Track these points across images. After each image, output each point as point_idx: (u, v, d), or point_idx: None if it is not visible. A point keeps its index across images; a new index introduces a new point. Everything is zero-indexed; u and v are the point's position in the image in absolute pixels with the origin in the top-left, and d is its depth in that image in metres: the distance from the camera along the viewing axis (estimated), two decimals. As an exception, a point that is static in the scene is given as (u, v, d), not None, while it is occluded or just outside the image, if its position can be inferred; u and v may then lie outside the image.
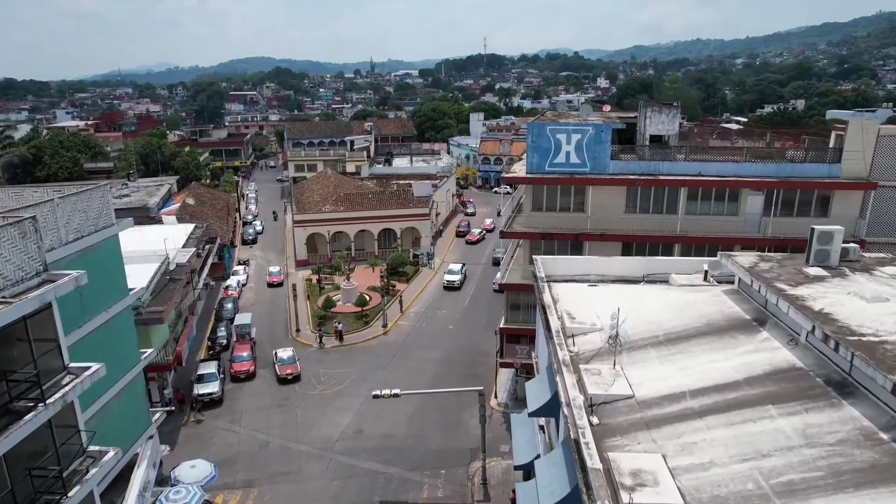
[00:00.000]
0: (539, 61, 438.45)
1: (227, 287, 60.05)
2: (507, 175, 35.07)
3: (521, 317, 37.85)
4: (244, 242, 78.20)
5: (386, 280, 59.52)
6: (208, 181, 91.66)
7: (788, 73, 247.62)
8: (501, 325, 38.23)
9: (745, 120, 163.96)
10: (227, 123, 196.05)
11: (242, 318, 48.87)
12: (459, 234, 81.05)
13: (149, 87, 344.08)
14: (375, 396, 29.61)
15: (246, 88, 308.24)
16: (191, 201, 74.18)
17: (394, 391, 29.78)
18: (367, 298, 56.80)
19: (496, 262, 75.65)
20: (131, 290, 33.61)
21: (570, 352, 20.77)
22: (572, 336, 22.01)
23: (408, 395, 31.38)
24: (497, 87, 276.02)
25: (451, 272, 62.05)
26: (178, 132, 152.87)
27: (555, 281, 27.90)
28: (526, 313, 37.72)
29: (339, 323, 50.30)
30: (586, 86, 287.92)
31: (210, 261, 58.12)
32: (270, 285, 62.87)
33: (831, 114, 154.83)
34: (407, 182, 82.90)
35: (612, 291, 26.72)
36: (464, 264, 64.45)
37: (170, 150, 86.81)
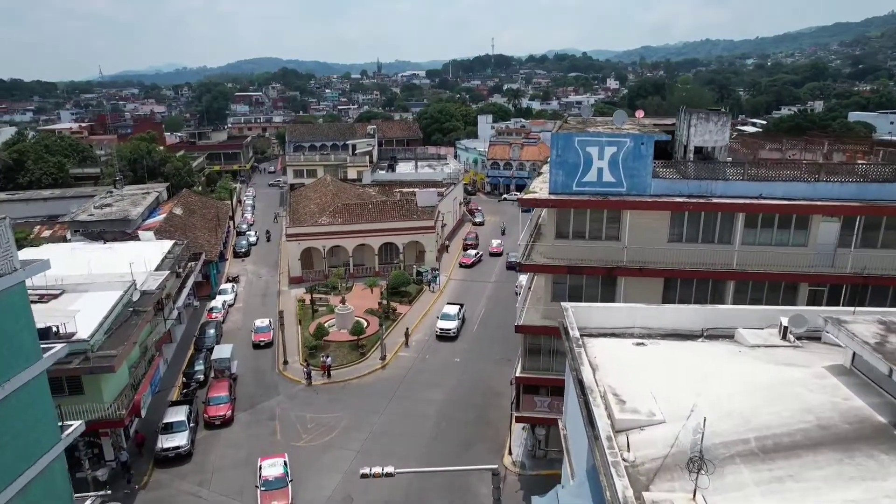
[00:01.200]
0: (547, 62, 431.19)
1: (211, 309, 53.93)
2: (526, 196, 28.72)
3: (541, 363, 31.52)
4: (236, 255, 72.10)
5: (385, 302, 53.28)
6: (201, 188, 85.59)
7: (803, 74, 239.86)
8: (517, 374, 31.87)
9: (763, 122, 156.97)
10: (229, 125, 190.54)
11: (221, 351, 42.65)
12: (467, 248, 74.53)
13: (154, 88, 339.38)
14: (364, 476, 23.31)
15: (251, 89, 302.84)
16: (178, 211, 68.20)
17: (386, 469, 23.44)
18: (365, 324, 50.55)
19: (511, 267, 68.56)
20: (68, 338, 27.64)
21: (625, 460, 14.51)
22: (625, 434, 15.71)
23: (404, 473, 25.11)
24: (505, 87, 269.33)
25: (445, 317, 50.13)
26: (178, 134, 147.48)
27: (589, 335, 21.72)
28: (548, 359, 31.39)
29: (328, 357, 44.04)
30: (596, 87, 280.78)
31: (192, 281, 52.05)
32: (256, 346, 48.44)
33: (854, 116, 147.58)
34: (411, 190, 76.72)
35: (666, 353, 20.58)
36: (461, 306, 52.29)
37: (160, 154, 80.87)
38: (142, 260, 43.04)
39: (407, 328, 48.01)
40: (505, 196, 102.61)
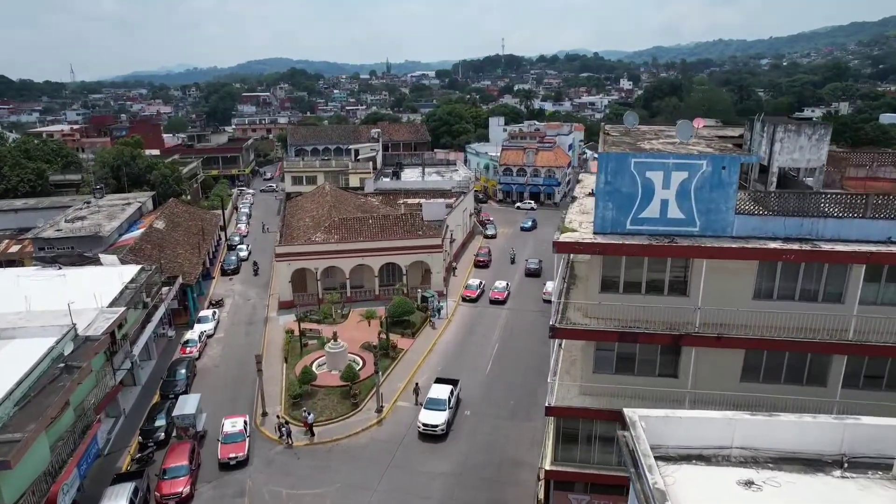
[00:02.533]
0: (558, 62, 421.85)
1: (185, 343, 46.48)
2: (563, 239, 20.93)
3: (578, 453, 23.75)
4: (224, 273, 64.72)
5: (385, 336, 45.66)
6: (192, 196, 78.35)
7: (823, 74, 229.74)
8: (546, 467, 24.09)
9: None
10: (233, 126, 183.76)
11: (185, 405, 35.07)
12: (479, 265, 66.81)
13: (162, 89, 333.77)
14: None
15: (259, 89, 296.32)
16: (160, 225, 60.97)
17: None
18: (359, 365, 43.05)
19: (529, 274, 63.26)
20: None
21: None
22: None
23: None
24: (516, 88, 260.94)
25: (432, 404, 36.37)
26: (181, 135, 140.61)
27: (667, 458, 14.16)
28: (587, 448, 23.63)
29: (309, 413, 36.39)
30: (609, 87, 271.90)
31: (162, 311, 44.73)
32: (224, 465, 33.05)
33: (887, 118, 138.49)
34: (416, 202, 69.10)
35: (790, 498, 13.04)
36: (454, 385, 38.78)
37: (145, 161, 73.67)
38: (95, 292, 35.80)
39: (417, 384, 39.84)
40: (519, 204, 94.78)
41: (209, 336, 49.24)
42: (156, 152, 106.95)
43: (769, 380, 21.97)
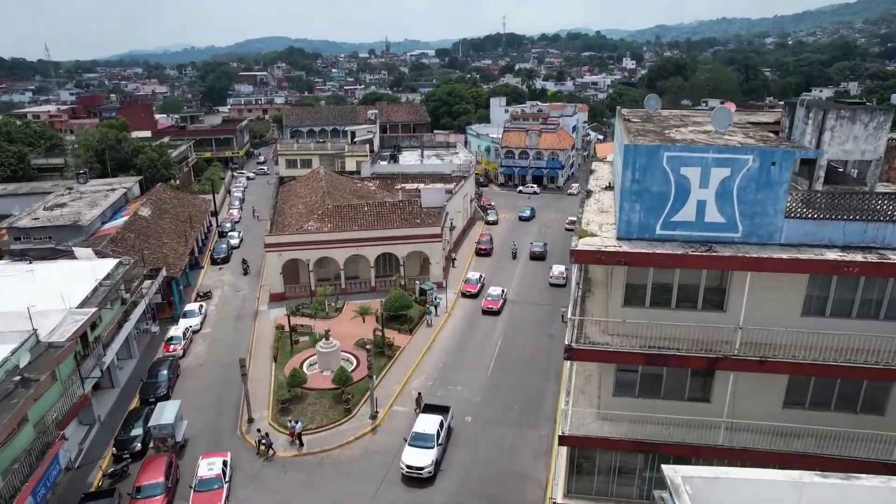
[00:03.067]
0: (560, 41, 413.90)
1: (168, 340, 43.56)
2: (583, 247, 17.74)
3: (594, 485, 20.88)
4: (214, 262, 61.63)
5: (381, 333, 42.74)
6: (181, 181, 74.89)
7: (831, 53, 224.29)
8: (560, 500, 21.18)
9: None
10: (229, 106, 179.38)
11: (163, 414, 32.16)
12: (480, 253, 63.73)
13: (158, 68, 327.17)
14: None
15: (257, 69, 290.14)
16: (145, 212, 57.73)
17: None
18: (352, 364, 40.29)
19: (535, 257, 61.49)
20: None
21: None
22: None
23: None
24: (517, 67, 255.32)
25: (417, 440, 30.86)
26: (176, 116, 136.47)
27: None
28: (605, 479, 20.76)
29: (297, 422, 33.54)
30: (611, 66, 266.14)
31: (143, 307, 41.75)
32: None
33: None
34: (414, 187, 65.77)
35: None
36: (444, 417, 33.03)
37: (131, 144, 70.06)
38: (64, 291, 32.72)
39: (419, 393, 36.58)
40: (521, 188, 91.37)
41: (195, 332, 46.31)
42: (147, 134, 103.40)
43: (817, 406, 19.05)
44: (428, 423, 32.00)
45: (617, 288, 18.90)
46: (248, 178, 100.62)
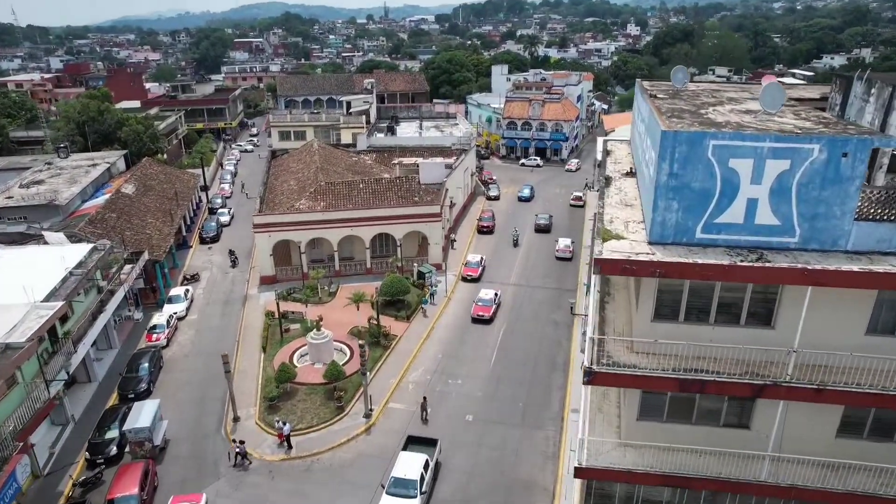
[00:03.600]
0: (562, 6, 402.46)
1: (151, 329, 40.81)
2: (609, 255, 14.71)
3: (613, 519, 18.32)
4: (203, 241, 58.59)
5: (376, 322, 40.02)
6: (165, 155, 71.25)
7: (843, 19, 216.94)
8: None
9: (809, 73, 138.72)
10: (223, 74, 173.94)
11: (140, 415, 29.51)
12: (482, 231, 60.76)
13: (151, 34, 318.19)
14: None
15: (252, 35, 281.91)
16: (129, 189, 54.46)
17: None
18: (346, 356, 37.77)
19: (540, 230, 59.59)
20: None
21: None
22: None
23: None
24: (519, 34, 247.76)
25: (398, 486, 26.31)
26: (169, 84, 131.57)
27: None
28: (625, 513, 18.18)
29: (285, 422, 31.01)
30: (615, 32, 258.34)
31: (121, 294, 38.90)
32: None
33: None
34: (412, 161, 62.35)
35: None
36: (430, 455, 28.31)
37: (115, 115, 66.25)
38: (28, 282, 29.85)
39: (424, 398, 32.90)
40: (524, 161, 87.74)
41: (180, 319, 43.59)
42: (136, 104, 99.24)
43: (877, 436, 16.33)
44: (410, 466, 26.89)
45: (646, 299, 15.95)
46: (245, 151, 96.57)
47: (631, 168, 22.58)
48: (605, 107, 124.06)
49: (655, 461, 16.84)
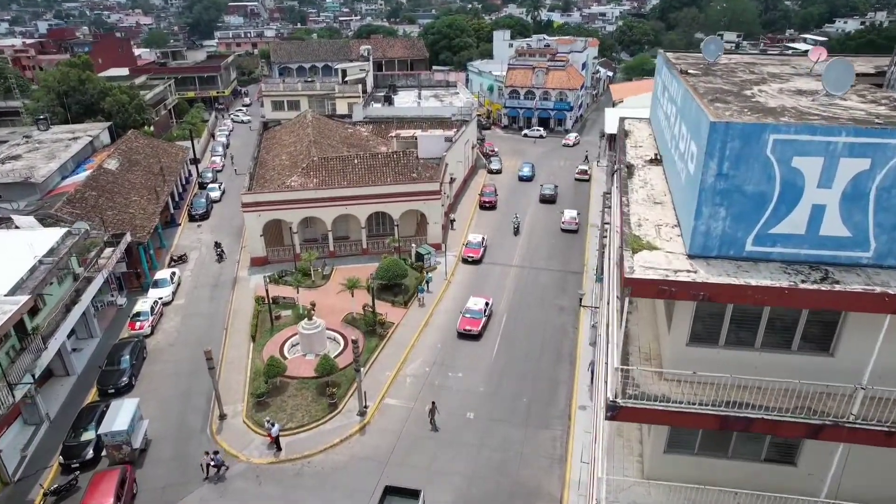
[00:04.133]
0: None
1: (135, 316, 38.43)
2: (640, 273, 12.19)
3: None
4: (192, 218, 55.83)
5: (371, 309, 37.65)
6: (152, 127, 67.90)
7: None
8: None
9: (822, 39, 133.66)
10: (216, 40, 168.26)
11: (117, 417, 27.20)
12: (484, 207, 58.13)
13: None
14: None
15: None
16: (112, 165, 51.48)
17: None
18: (339, 346, 35.56)
19: (545, 200, 58.39)
20: None
21: None
22: None
23: None
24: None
25: None
26: (162, 50, 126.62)
27: None
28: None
29: (273, 423, 28.85)
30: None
31: (99, 281, 36.39)
32: None
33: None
34: (411, 134, 59.15)
35: None
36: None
37: (98, 84, 62.65)
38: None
39: (433, 403, 29.77)
40: (526, 132, 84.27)
41: (166, 304, 41.23)
42: (124, 72, 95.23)
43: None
44: None
45: (681, 319, 13.42)
46: (240, 122, 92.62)
47: (656, 154, 19.78)
48: (610, 74, 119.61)
49: (683, 500, 14.57)
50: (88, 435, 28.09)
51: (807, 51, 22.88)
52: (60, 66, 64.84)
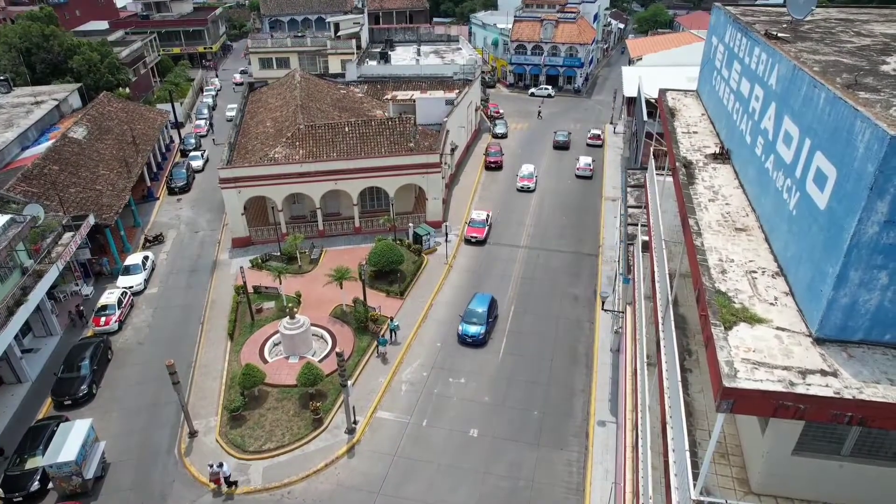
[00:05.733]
0: None
1: (100, 310, 34.09)
2: (746, 386, 7.76)
3: None
4: (171, 191, 50.92)
5: (363, 303, 33.26)
6: (128, 89, 62.14)
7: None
8: None
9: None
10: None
11: (63, 444, 23.30)
12: (490, 167, 54.15)
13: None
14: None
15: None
16: (78, 133, 46.30)
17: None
18: (327, 345, 31.40)
19: (558, 146, 58.63)
20: None
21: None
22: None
23: None
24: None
25: None
26: (143, 2, 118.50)
27: None
28: None
29: (221, 464, 24.29)
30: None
31: (54, 274, 31.96)
32: None
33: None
34: (408, 96, 53.61)
35: None
36: None
37: (64, 40, 56.55)
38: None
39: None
40: (533, 90, 78.02)
41: (137, 293, 36.95)
42: (104, 25, 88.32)
43: None
44: None
45: (789, 431, 8.91)
46: (239, 84, 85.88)
47: (720, 148, 14.88)
48: (622, 26, 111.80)
49: None
50: (35, 462, 24.18)
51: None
52: (21, 20, 58.58)
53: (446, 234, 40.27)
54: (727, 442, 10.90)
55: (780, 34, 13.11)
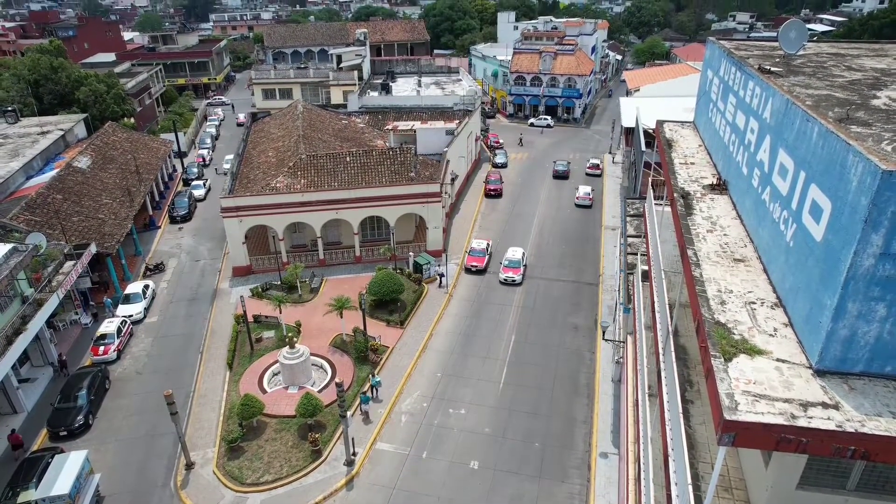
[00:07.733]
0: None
1: (99, 339, 33.96)
2: (747, 419, 7.71)
3: None
4: (173, 220, 51.22)
5: (363, 334, 33.15)
6: (133, 119, 63.02)
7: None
8: None
9: (840, 19, 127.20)
10: (212, 23, 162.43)
11: (56, 479, 22.99)
12: (490, 194, 54.73)
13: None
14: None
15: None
16: (83, 162, 46.78)
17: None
18: (327, 374, 31.12)
19: (557, 176, 58.14)
20: None
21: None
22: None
23: None
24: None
25: None
26: (152, 33, 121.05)
27: None
28: None
29: None
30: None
31: (54, 303, 31.94)
32: None
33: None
34: (409, 126, 54.32)
35: None
36: None
37: (72, 72, 57.65)
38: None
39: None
40: (533, 121, 79.07)
41: (137, 322, 36.87)
42: (111, 57, 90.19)
43: None
44: None
45: (793, 467, 8.84)
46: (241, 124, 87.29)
47: (718, 178, 15.05)
48: (619, 58, 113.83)
49: None
50: (27, 496, 23.72)
51: (826, 32, 17.98)
52: (31, 53, 59.77)
53: (441, 275, 40.00)
54: (730, 475, 10.78)
55: (773, 68, 13.39)
